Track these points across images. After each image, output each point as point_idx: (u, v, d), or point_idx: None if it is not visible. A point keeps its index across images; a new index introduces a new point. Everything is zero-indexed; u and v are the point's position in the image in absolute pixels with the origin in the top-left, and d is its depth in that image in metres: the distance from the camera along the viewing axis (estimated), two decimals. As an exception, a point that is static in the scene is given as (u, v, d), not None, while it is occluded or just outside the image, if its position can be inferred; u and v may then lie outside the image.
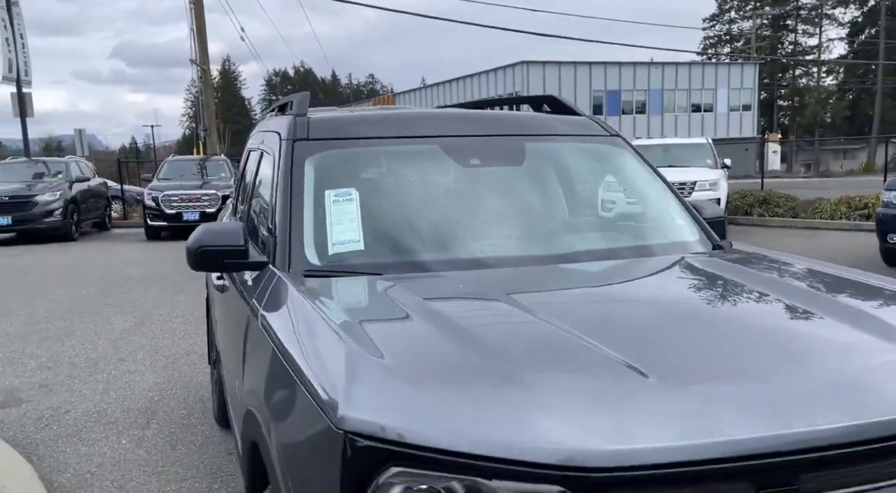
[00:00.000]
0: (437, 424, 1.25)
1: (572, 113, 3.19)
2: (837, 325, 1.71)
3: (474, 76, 53.85)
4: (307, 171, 2.46)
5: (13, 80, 17.30)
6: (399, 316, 1.77)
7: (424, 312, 1.71)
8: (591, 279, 2.21)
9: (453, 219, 2.48)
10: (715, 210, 2.94)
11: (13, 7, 17.38)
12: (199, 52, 19.06)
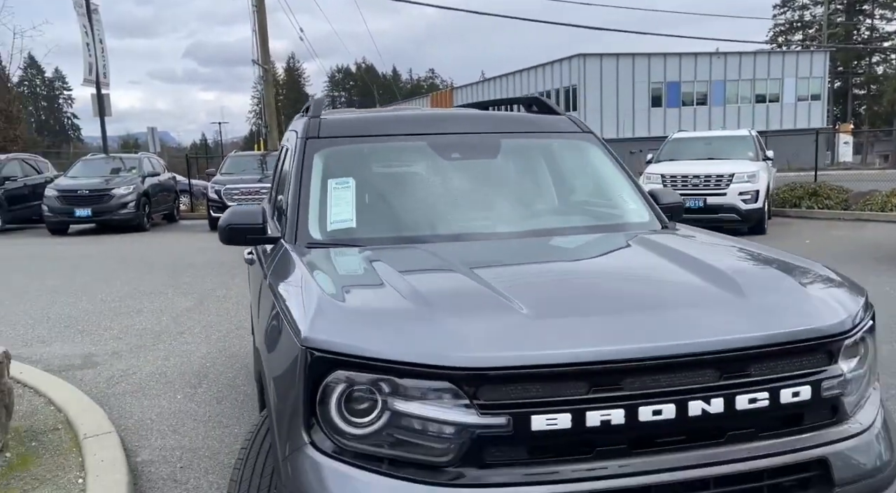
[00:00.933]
0: (369, 342, 1.78)
1: (553, 113, 3.66)
2: (686, 277, 2.17)
3: (530, 70, 53.89)
4: (315, 163, 3.03)
5: (93, 82, 18.61)
6: (365, 274, 2.30)
7: (385, 272, 2.23)
8: (533, 249, 2.69)
9: (429, 202, 3.01)
10: (672, 198, 3.38)
11: (93, 14, 18.67)
12: (261, 53, 20.03)
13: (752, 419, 1.82)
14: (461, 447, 1.70)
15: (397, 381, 1.73)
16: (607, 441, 1.74)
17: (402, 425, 1.74)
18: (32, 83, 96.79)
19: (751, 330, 1.85)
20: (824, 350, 1.91)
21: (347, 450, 1.76)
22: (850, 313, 2.00)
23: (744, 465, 1.79)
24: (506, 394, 1.70)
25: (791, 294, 2.08)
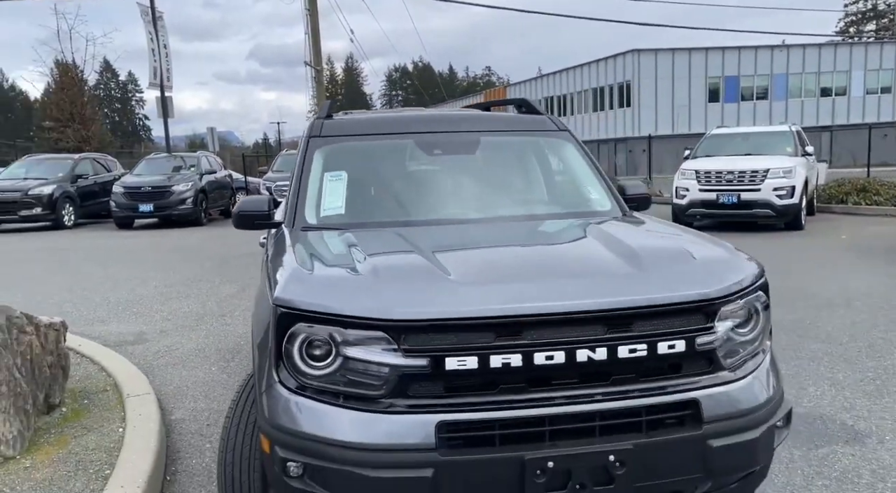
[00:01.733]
0: (325, 301, 2.24)
1: (536, 113, 4.06)
2: (601, 253, 2.56)
3: (584, 66, 53.61)
4: (315, 159, 3.52)
5: (158, 85, 19.71)
6: (337, 251, 2.77)
7: (353, 250, 2.69)
8: (489, 232, 3.10)
9: (410, 192, 3.46)
10: (638, 190, 3.75)
11: (158, 21, 19.78)
12: (313, 54, 20.82)
13: (633, 366, 2.21)
14: (391, 383, 2.15)
15: (345, 331, 2.19)
16: (508, 380, 2.16)
17: (350, 367, 2.19)
18: (107, 86, 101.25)
19: (634, 294, 2.24)
20: (700, 312, 2.29)
21: (308, 387, 2.23)
22: (729, 284, 2.36)
23: (624, 403, 2.18)
24: (426, 342, 2.14)
25: (682, 267, 2.45)
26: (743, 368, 2.39)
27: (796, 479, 3.25)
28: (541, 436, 2.15)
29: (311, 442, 2.16)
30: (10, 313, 3.71)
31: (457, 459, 2.09)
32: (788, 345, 5.36)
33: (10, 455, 3.38)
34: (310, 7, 20.75)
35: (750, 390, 2.35)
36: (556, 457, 2.10)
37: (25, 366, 3.69)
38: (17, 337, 3.69)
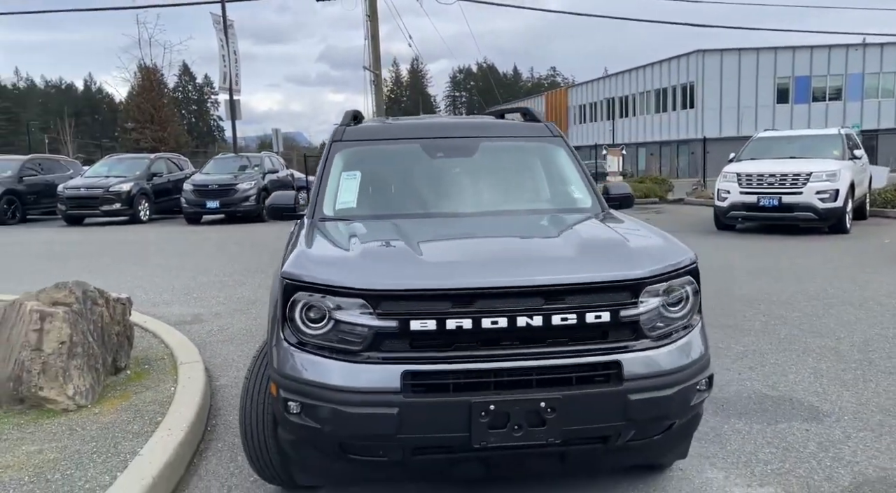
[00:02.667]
0: (320, 274, 2.81)
1: (536, 121, 4.56)
2: (556, 242, 3.05)
3: (646, 67, 53.08)
4: (336, 161, 4.11)
5: (227, 89, 20.89)
6: (340, 237, 3.34)
7: (353, 236, 3.26)
8: (474, 223, 3.62)
9: (413, 189, 4.02)
10: (621, 190, 4.22)
11: (229, 29, 20.96)
12: (372, 59, 21.64)
13: (565, 332, 2.71)
14: (368, 340, 2.71)
15: (335, 299, 2.76)
16: (461, 340, 2.69)
17: (338, 328, 2.77)
18: (185, 89, 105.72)
19: (568, 274, 2.74)
20: (625, 290, 2.77)
21: (306, 343, 2.81)
22: (653, 269, 2.83)
23: (556, 361, 2.68)
24: (395, 308, 2.69)
25: (615, 253, 2.94)
26: (667, 338, 2.85)
27: (748, 447, 3.66)
28: (486, 386, 2.67)
29: (307, 386, 2.74)
30: (85, 288, 4.45)
31: (417, 401, 2.63)
32: (787, 337, 5.68)
33: (83, 404, 4.10)
34: (370, 13, 21.57)
35: (669, 357, 2.81)
36: (497, 402, 2.62)
37: (97, 332, 4.42)
38: (91, 308, 4.42)
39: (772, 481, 3.29)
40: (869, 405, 4.18)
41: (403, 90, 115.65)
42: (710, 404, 4.25)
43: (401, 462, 2.76)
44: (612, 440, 2.78)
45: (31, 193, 19.15)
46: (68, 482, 3.13)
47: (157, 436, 3.60)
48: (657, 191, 20.67)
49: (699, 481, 3.32)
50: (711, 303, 6.87)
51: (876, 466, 3.41)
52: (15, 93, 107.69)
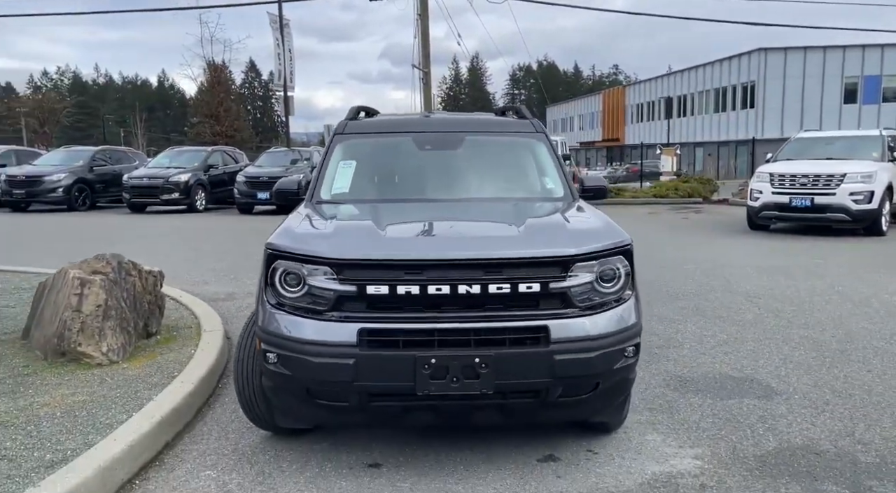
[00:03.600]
0: (296, 245, 3.31)
1: (524, 118, 4.97)
2: (506, 223, 3.46)
3: (707, 65, 52.17)
4: (335, 151, 4.62)
5: (281, 86, 21.79)
6: (324, 216, 3.83)
7: (336, 215, 3.75)
8: (446, 207, 4.06)
9: (400, 178, 4.50)
10: (594, 183, 4.61)
11: (285, 28, 21.84)
12: (422, 57, 22.19)
13: (501, 299, 3.13)
14: (332, 301, 3.19)
15: (307, 267, 3.26)
16: (410, 303, 3.14)
17: (310, 291, 3.26)
18: (251, 85, 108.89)
19: (504, 250, 3.17)
20: (556, 265, 3.18)
21: (284, 304, 3.31)
22: (584, 249, 3.24)
23: (491, 324, 3.11)
24: (355, 275, 3.17)
25: (555, 234, 3.36)
26: (596, 309, 3.25)
27: (694, 417, 4.01)
28: (430, 343, 3.12)
29: (283, 340, 3.24)
30: (120, 260, 5.08)
31: (370, 353, 3.10)
32: (772, 328, 5.93)
33: (115, 360, 4.72)
34: (421, 12, 22.13)
35: (595, 324, 3.20)
36: (438, 357, 3.07)
37: (129, 299, 5.05)
38: (125, 277, 5.05)
39: (703, 444, 3.64)
40: (823, 388, 4.46)
41: (462, 88, 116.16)
42: (674, 381, 4.60)
43: (361, 408, 3.24)
44: (542, 396, 3.19)
45: (100, 181, 20.41)
46: (92, 418, 3.73)
47: (171, 387, 4.17)
48: (701, 191, 20.59)
49: (637, 441, 3.70)
50: (711, 296, 7.16)
51: (804, 436, 3.72)
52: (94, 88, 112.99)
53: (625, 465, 3.43)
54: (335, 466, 3.46)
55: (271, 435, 3.81)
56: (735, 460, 3.47)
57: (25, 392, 4.15)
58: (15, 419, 3.73)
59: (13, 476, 3.06)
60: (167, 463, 3.51)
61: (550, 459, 3.51)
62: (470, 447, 3.63)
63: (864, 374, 4.72)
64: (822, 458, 3.47)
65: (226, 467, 3.46)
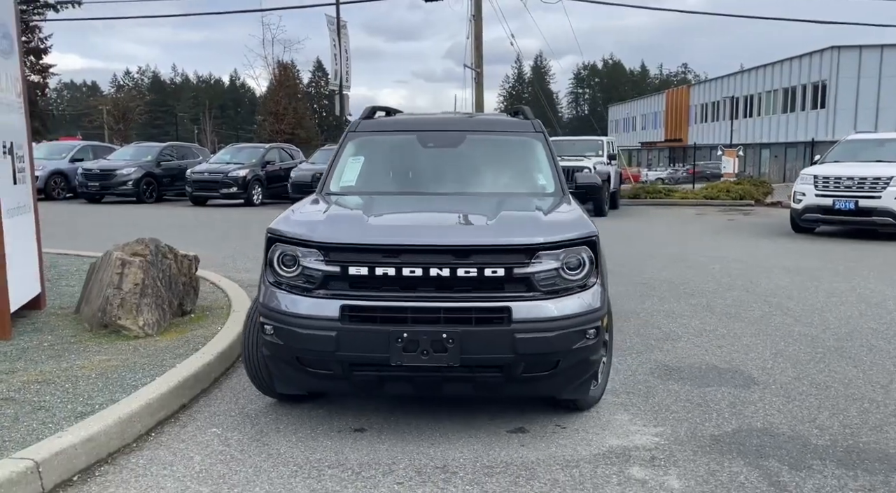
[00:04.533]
0: (292, 230, 3.73)
1: (526, 119, 5.28)
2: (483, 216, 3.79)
3: (776, 64, 50.72)
4: (347, 147, 5.04)
5: (337, 85, 22.50)
6: (324, 206, 4.24)
7: (335, 204, 4.16)
8: (438, 200, 4.41)
9: (401, 172, 4.87)
10: (586, 180, 4.89)
11: (342, 30, 22.54)
12: (475, 57, 22.54)
13: (469, 282, 3.48)
14: (319, 280, 3.60)
15: (300, 249, 3.68)
16: (387, 283, 3.52)
17: (303, 272, 3.68)
18: (318, 84, 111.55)
19: (472, 239, 3.52)
20: (520, 253, 3.50)
21: (282, 283, 3.73)
22: (548, 238, 3.55)
23: (459, 304, 3.46)
24: (339, 257, 3.57)
25: (525, 225, 3.69)
26: (558, 293, 3.56)
27: (667, 401, 4.26)
28: (404, 320, 3.49)
29: (278, 314, 3.66)
30: (158, 244, 5.64)
31: (350, 327, 3.49)
32: (774, 325, 6.06)
33: (150, 333, 5.26)
34: (475, 13, 22.47)
35: (555, 307, 3.52)
36: (410, 331, 3.44)
37: (165, 280, 5.59)
38: (161, 260, 5.60)
39: (667, 424, 3.90)
40: (803, 380, 4.62)
41: (525, 87, 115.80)
42: (660, 370, 4.84)
43: (344, 377, 3.63)
44: (507, 371, 3.52)
45: (166, 176, 21.54)
46: (121, 380, 4.24)
47: (192, 358, 4.66)
48: (754, 193, 20.25)
49: (606, 419, 3.98)
50: (727, 295, 7.30)
51: (766, 421, 3.93)
52: (171, 87, 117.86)
53: (587, 438, 3.73)
54: (325, 429, 3.87)
55: (275, 402, 4.25)
56: (692, 438, 3.71)
57: (69, 357, 4.71)
58: (56, 377, 4.28)
59: (47, 423, 3.58)
60: (181, 420, 3.99)
61: (520, 431, 3.83)
62: (450, 418, 3.99)
63: (850, 369, 4.85)
64: (775, 439, 3.69)
65: (230, 425, 3.91)
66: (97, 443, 3.43)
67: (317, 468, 3.38)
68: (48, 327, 5.49)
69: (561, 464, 3.42)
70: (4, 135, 5.37)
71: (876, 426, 3.87)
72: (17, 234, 5.49)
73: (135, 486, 3.19)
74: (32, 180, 6.10)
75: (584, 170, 16.31)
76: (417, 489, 3.19)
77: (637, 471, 3.35)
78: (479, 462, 3.44)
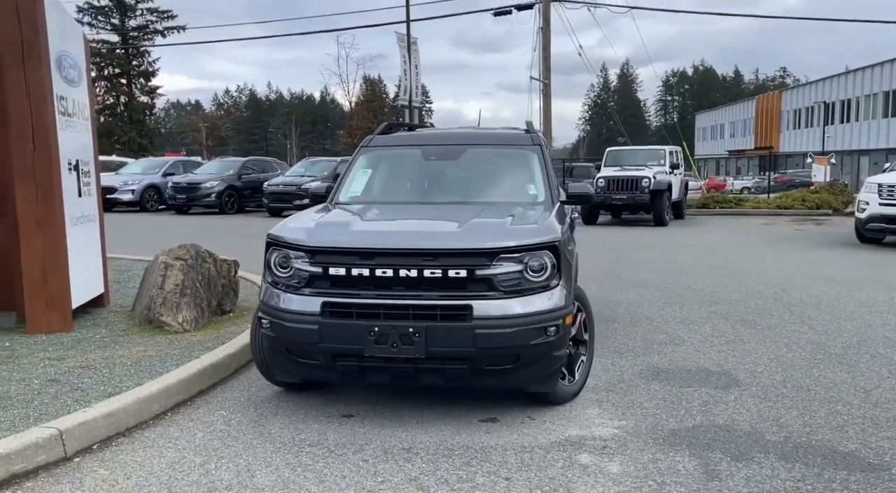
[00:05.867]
0: (285, 236, 4.19)
1: (528, 132, 5.60)
2: (455, 222, 4.14)
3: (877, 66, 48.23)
4: (359, 160, 5.51)
5: (406, 101, 23.24)
6: (322, 214, 4.68)
7: (335, 212, 4.61)
8: (429, 209, 4.78)
9: (403, 184, 5.28)
10: (578, 190, 5.14)
11: (412, 47, 23.28)
12: (543, 69, 22.77)
13: (434, 282, 3.85)
14: (306, 280, 4.05)
15: (292, 252, 4.14)
16: (363, 283, 3.93)
17: (295, 273, 4.14)
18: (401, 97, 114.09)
19: (439, 243, 3.88)
20: (481, 256, 3.84)
21: (278, 283, 4.21)
22: (509, 243, 3.88)
23: (425, 301, 3.83)
24: (322, 259, 4.01)
25: (491, 232, 4.02)
26: (519, 293, 3.88)
27: (642, 398, 4.46)
28: (377, 315, 3.89)
29: (272, 310, 4.14)
30: (198, 249, 6.27)
31: (330, 321, 3.93)
32: (786, 333, 6.09)
33: (188, 329, 5.88)
34: (542, 25, 22.73)
35: (514, 306, 3.84)
36: (381, 326, 3.84)
37: (204, 282, 6.22)
38: (201, 264, 6.22)
39: (632, 419, 4.12)
40: (787, 384, 4.72)
41: (611, 95, 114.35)
42: (649, 371, 5.04)
43: (329, 366, 4.06)
44: (471, 363, 3.86)
45: (247, 188, 22.83)
46: (150, 367, 4.83)
47: (217, 350, 5.22)
48: (832, 202, 19.51)
49: (576, 413, 4.24)
50: (751, 303, 7.34)
51: (730, 418, 4.09)
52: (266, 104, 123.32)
53: (550, 428, 4.01)
54: (317, 414, 4.31)
55: (281, 390, 4.72)
56: (651, 431, 3.93)
57: (113, 347, 5.37)
58: (98, 364, 4.92)
59: (80, 400, 4.18)
60: (196, 403, 4.52)
61: (491, 420, 4.15)
62: (431, 408, 4.35)
63: (842, 374, 4.89)
64: (730, 434, 3.86)
65: (236, 409, 4.41)
66: (116, 418, 3.99)
67: (298, 446, 3.82)
68: (104, 322, 6.21)
69: (516, 449, 3.72)
70: (70, 153, 6.13)
71: (838, 426, 3.96)
72: (80, 240, 6.24)
73: (141, 454, 3.72)
74: (98, 193, 6.89)
75: (645, 179, 16.32)
76: (380, 465, 3.57)
77: (584, 457, 3.61)
78: (443, 445, 3.79)
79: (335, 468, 3.52)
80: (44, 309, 5.75)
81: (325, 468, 3.54)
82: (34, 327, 5.75)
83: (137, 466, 3.57)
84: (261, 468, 3.53)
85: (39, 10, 5.59)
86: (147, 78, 54.40)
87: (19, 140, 5.60)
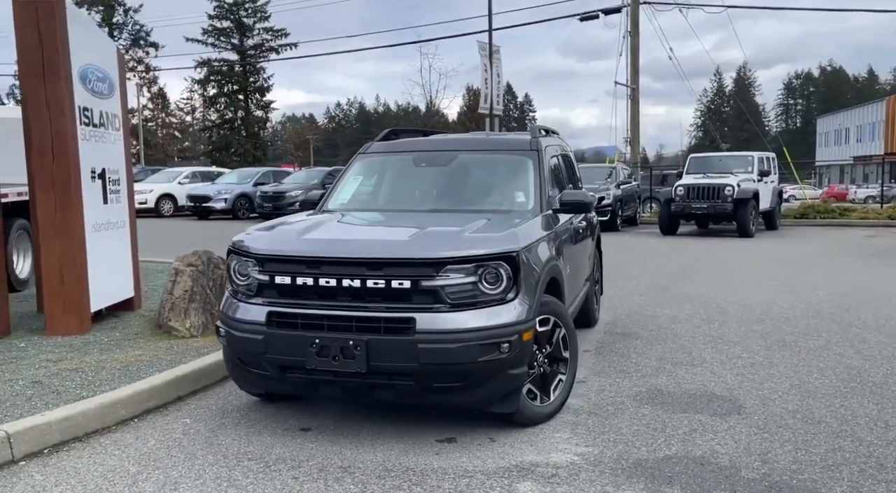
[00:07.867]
0: (241, 242, 4.11)
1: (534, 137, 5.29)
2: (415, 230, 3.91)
3: None
4: (353, 167, 5.38)
5: (488, 109, 23.06)
6: (295, 220, 4.58)
7: (307, 220, 4.49)
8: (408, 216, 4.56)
9: (390, 191, 5.10)
10: (572, 197, 4.79)
11: (494, 54, 23.11)
12: (631, 74, 21.99)
13: (377, 293, 3.65)
14: (255, 288, 3.95)
15: (246, 259, 4.05)
16: (307, 292, 3.79)
17: (249, 281, 4.05)
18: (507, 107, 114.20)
19: (384, 253, 3.68)
20: (427, 266, 3.61)
21: (236, 291, 4.13)
22: (458, 253, 3.64)
23: (370, 313, 3.64)
24: (269, 267, 3.90)
25: (443, 241, 3.79)
26: (469, 306, 3.62)
27: (624, 424, 4.06)
28: (320, 326, 3.73)
29: (227, 318, 4.07)
30: (210, 256, 6.34)
31: (274, 332, 3.80)
32: (829, 355, 5.44)
33: (195, 335, 5.94)
34: (631, 30, 21.98)
35: (461, 319, 3.58)
36: (322, 338, 3.68)
37: (215, 288, 6.27)
38: (213, 270, 6.29)
39: (599, 445, 3.75)
40: (796, 414, 4.17)
41: (725, 100, 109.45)
42: (648, 393, 4.62)
43: (280, 378, 3.93)
44: (417, 379, 3.63)
45: (331, 198, 23.42)
46: (137, 371, 4.87)
47: (206, 357, 5.22)
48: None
49: (543, 436, 3.90)
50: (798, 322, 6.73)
51: (711, 450, 3.65)
52: (374, 116, 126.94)
53: (505, 452, 3.70)
54: (277, 426, 4.19)
55: (256, 400, 4.63)
56: (614, 460, 3.55)
57: (114, 351, 5.48)
58: (89, 367, 5.02)
59: (50, 403, 4.24)
60: (167, 410, 4.52)
61: (449, 441, 3.88)
62: (394, 425, 4.13)
63: (868, 407, 4.29)
64: (701, 468, 3.43)
65: (200, 417, 4.37)
66: (73, 423, 4.02)
67: (238, 459, 3.70)
68: (123, 325, 6.38)
69: (457, 474, 3.45)
70: (95, 162, 6.37)
71: (833, 465, 3.44)
72: (105, 246, 6.45)
73: (85, 461, 3.72)
74: (130, 200, 7.12)
75: (728, 187, 15.37)
76: (307, 483, 3.39)
77: (525, 486, 3.30)
78: (382, 466, 3.57)
79: (261, 486, 3.38)
80: (61, 312, 5.97)
81: (252, 484, 3.40)
82: (52, 328, 5.98)
83: (73, 473, 3.57)
84: (187, 482, 3.43)
85: (60, 26, 5.82)
86: (262, 93, 57.34)
87: (39, 150, 5.86)
